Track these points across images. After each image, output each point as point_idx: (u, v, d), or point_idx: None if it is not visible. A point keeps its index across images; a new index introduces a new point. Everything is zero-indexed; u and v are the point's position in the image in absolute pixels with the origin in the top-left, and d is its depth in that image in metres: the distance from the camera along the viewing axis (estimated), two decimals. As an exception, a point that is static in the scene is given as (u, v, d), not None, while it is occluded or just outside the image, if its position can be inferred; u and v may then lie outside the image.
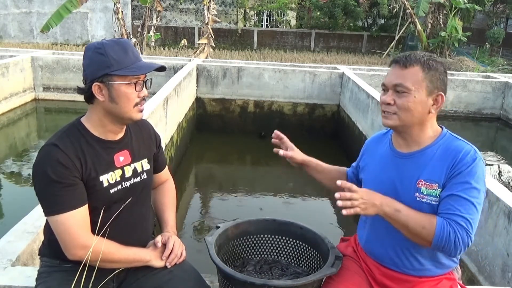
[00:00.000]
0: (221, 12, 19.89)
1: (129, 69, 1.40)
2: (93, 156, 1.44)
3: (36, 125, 7.67)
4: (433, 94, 1.46)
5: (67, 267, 1.47)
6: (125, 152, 1.54)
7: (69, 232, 1.36)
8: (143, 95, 1.47)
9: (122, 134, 1.54)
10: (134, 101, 1.44)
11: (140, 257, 1.50)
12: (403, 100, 1.44)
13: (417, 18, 15.63)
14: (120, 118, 1.47)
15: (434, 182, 1.44)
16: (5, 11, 17.30)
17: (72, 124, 1.48)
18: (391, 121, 1.48)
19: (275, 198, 5.23)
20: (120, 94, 1.41)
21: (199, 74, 7.51)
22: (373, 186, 1.59)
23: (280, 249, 1.87)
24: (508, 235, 2.48)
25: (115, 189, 1.49)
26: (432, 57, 1.48)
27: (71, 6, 9.15)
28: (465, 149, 1.43)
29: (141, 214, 1.61)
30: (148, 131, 1.68)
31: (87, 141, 1.45)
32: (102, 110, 1.45)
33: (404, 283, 1.56)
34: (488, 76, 8.99)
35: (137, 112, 1.47)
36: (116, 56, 1.39)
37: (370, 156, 1.68)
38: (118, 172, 1.50)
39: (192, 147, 6.85)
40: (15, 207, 4.36)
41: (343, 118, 7.25)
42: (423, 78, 1.44)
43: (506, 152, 7.49)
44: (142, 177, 1.58)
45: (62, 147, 1.38)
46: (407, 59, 1.46)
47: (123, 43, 1.44)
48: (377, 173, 1.60)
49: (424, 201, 1.45)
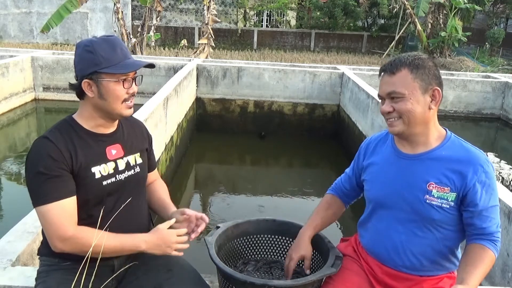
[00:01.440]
0: (221, 12, 19.90)
1: (117, 66, 1.43)
2: (84, 148, 1.46)
3: (36, 125, 7.67)
4: (429, 91, 1.45)
5: (65, 265, 1.47)
6: (117, 145, 1.56)
7: (52, 223, 1.37)
8: (132, 91, 1.49)
9: (113, 129, 1.57)
10: (123, 98, 1.47)
11: (129, 245, 1.45)
12: (400, 105, 1.45)
13: (417, 18, 15.64)
14: (110, 114, 1.49)
15: (446, 186, 1.45)
16: (5, 11, 17.31)
17: (63, 120, 1.51)
18: (397, 128, 1.48)
19: (275, 198, 5.23)
20: (109, 91, 1.44)
21: (199, 74, 7.51)
22: (377, 187, 1.59)
23: (280, 249, 1.87)
24: (508, 235, 2.48)
25: (108, 181, 1.50)
26: (417, 55, 1.48)
27: (71, 6, 9.15)
28: (480, 157, 1.45)
29: (136, 208, 1.62)
30: (140, 129, 1.71)
31: (78, 134, 1.47)
32: (92, 106, 1.48)
33: (406, 282, 1.56)
34: (488, 76, 9.00)
35: (126, 109, 1.49)
36: (105, 54, 1.42)
37: (372, 156, 1.66)
38: (111, 164, 1.52)
39: (192, 147, 6.85)
40: (15, 207, 4.36)
41: (343, 118, 7.25)
42: (413, 79, 1.44)
43: (506, 152, 7.49)
44: (135, 170, 1.59)
45: (52, 139, 1.41)
46: (393, 65, 1.46)
47: (112, 41, 1.46)
48: (381, 174, 1.59)
49: (435, 203, 1.46)
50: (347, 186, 1.78)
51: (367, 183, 1.66)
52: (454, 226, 1.50)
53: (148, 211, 1.76)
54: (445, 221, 1.49)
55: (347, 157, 6.37)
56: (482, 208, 1.45)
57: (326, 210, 1.76)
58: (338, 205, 1.80)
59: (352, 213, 3.91)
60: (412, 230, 1.52)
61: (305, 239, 1.68)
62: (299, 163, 6.83)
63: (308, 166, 6.75)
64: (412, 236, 1.52)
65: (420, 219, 1.50)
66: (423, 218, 1.49)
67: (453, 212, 1.47)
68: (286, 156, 6.97)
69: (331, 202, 1.80)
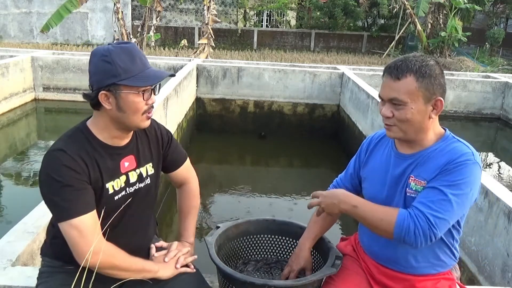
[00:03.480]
0: (221, 12, 19.89)
1: (137, 78, 1.36)
2: (99, 163, 1.41)
3: (36, 125, 7.67)
4: (431, 101, 1.42)
5: (69, 269, 1.44)
6: (131, 157, 1.51)
7: (83, 236, 1.33)
8: (151, 102, 1.43)
9: (128, 140, 1.51)
10: (143, 110, 1.41)
11: (148, 267, 1.46)
12: (400, 113, 1.42)
13: (417, 18, 15.63)
14: (127, 126, 1.44)
15: (423, 179, 1.44)
16: (5, 11, 17.30)
17: (77, 128, 1.45)
18: (393, 133, 1.48)
19: (275, 198, 5.23)
20: (128, 103, 1.38)
21: (199, 74, 7.51)
22: (373, 186, 1.60)
23: (280, 249, 1.87)
24: (508, 235, 2.48)
25: (120, 195, 1.47)
26: (424, 61, 1.41)
27: (71, 6, 9.14)
28: (462, 151, 1.41)
29: (143, 219, 1.60)
30: (154, 133, 1.62)
31: (93, 146, 1.42)
32: (108, 118, 1.41)
33: (403, 282, 1.56)
34: (488, 76, 8.99)
35: (145, 120, 1.44)
36: (124, 65, 1.35)
37: (371, 154, 1.67)
38: (123, 178, 1.48)
39: (192, 147, 6.85)
40: (15, 207, 4.37)
41: (343, 118, 7.25)
42: (417, 88, 1.39)
43: (506, 152, 7.49)
44: (146, 182, 1.55)
45: (69, 152, 1.35)
46: (399, 70, 1.40)
47: (130, 50, 1.38)
48: (377, 173, 1.60)
49: (414, 196, 1.46)
50: (349, 185, 1.76)
51: (365, 181, 1.66)
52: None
53: (155, 221, 1.75)
54: None
55: (347, 157, 6.36)
56: (428, 186, 1.41)
57: (325, 219, 1.73)
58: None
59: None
60: None
61: (305, 251, 1.68)
62: (299, 163, 6.83)
63: (308, 166, 6.75)
64: None
65: None
66: None
67: None
68: (286, 156, 6.97)
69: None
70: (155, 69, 1.42)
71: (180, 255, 1.55)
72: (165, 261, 1.51)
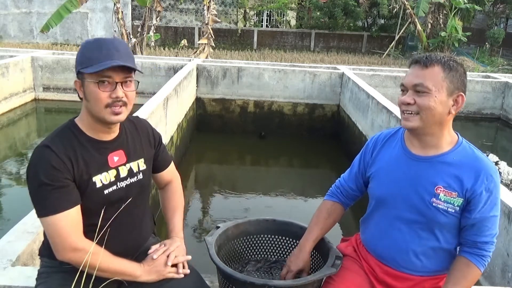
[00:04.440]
0: (221, 12, 19.89)
1: (94, 66, 1.34)
2: (85, 157, 1.42)
3: (36, 125, 7.67)
4: (454, 95, 1.44)
5: (67, 268, 1.45)
6: (120, 151, 1.51)
7: (59, 234, 1.34)
8: (115, 95, 1.37)
9: (115, 134, 1.51)
10: (105, 102, 1.37)
11: (129, 271, 1.44)
12: (423, 100, 1.42)
13: (417, 18, 15.63)
14: (96, 118, 1.42)
15: (454, 191, 1.45)
16: (5, 11, 17.30)
17: (65, 125, 1.47)
18: (412, 123, 1.45)
19: (275, 198, 5.23)
20: (90, 92, 1.38)
21: (199, 74, 7.51)
22: (383, 186, 1.59)
23: (280, 249, 1.87)
24: (508, 235, 2.48)
25: (110, 189, 1.47)
26: (452, 58, 1.47)
27: (71, 6, 9.15)
28: (490, 166, 1.46)
29: (137, 216, 1.60)
30: (146, 131, 1.63)
31: (79, 141, 1.43)
32: (86, 109, 1.44)
33: (406, 281, 1.56)
34: (488, 76, 9.00)
35: (110, 114, 1.39)
36: (88, 53, 1.36)
37: (380, 153, 1.65)
38: (112, 172, 1.48)
39: (192, 147, 6.85)
40: (15, 207, 4.36)
41: (343, 118, 7.25)
42: (443, 78, 1.42)
43: (506, 152, 7.49)
44: (138, 177, 1.55)
45: (54, 148, 1.37)
46: (428, 59, 1.44)
47: (102, 41, 1.38)
48: (388, 173, 1.58)
49: (441, 207, 1.46)
50: (353, 185, 1.74)
51: (373, 180, 1.64)
52: (458, 230, 1.52)
53: (152, 217, 1.75)
54: (450, 225, 1.49)
55: (347, 157, 6.37)
56: (481, 216, 1.46)
57: (326, 220, 1.72)
58: (339, 211, 1.76)
59: (352, 213, 3.91)
60: (416, 231, 1.52)
61: (305, 252, 1.67)
62: (299, 163, 6.83)
63: (308, 166, 6.75)
64: (416, 237, 1.52)
65: (426, 221, 1.50)
66: (428, 220, 1.49)
67: (459, 217, 1.48)
68: (286, 156, 6.97)
69: (331, 210, 1.75)
70: (119, 61, 1.35)
71: (171, 251, 1.52)
72: (153, 258, 1.49)
